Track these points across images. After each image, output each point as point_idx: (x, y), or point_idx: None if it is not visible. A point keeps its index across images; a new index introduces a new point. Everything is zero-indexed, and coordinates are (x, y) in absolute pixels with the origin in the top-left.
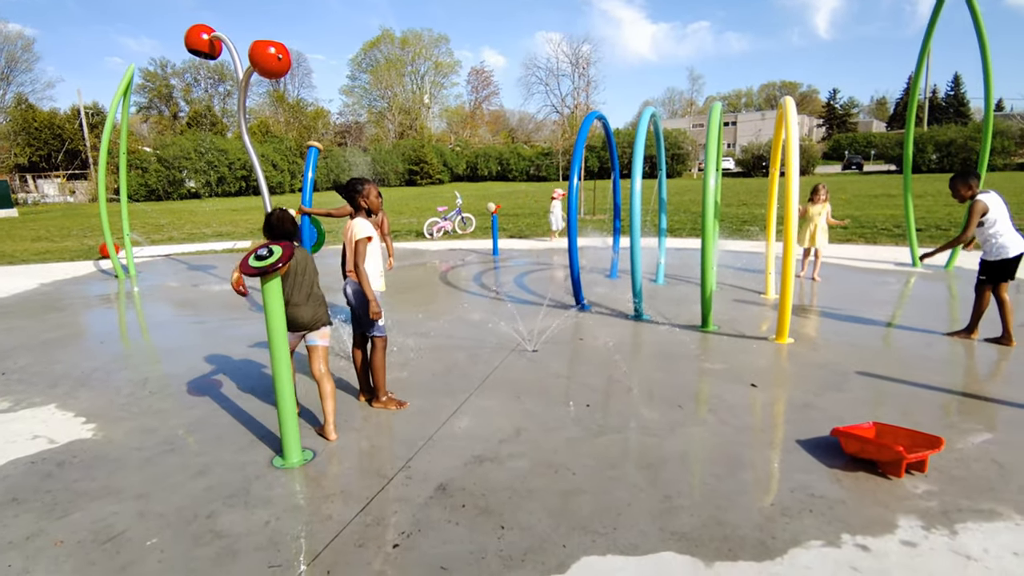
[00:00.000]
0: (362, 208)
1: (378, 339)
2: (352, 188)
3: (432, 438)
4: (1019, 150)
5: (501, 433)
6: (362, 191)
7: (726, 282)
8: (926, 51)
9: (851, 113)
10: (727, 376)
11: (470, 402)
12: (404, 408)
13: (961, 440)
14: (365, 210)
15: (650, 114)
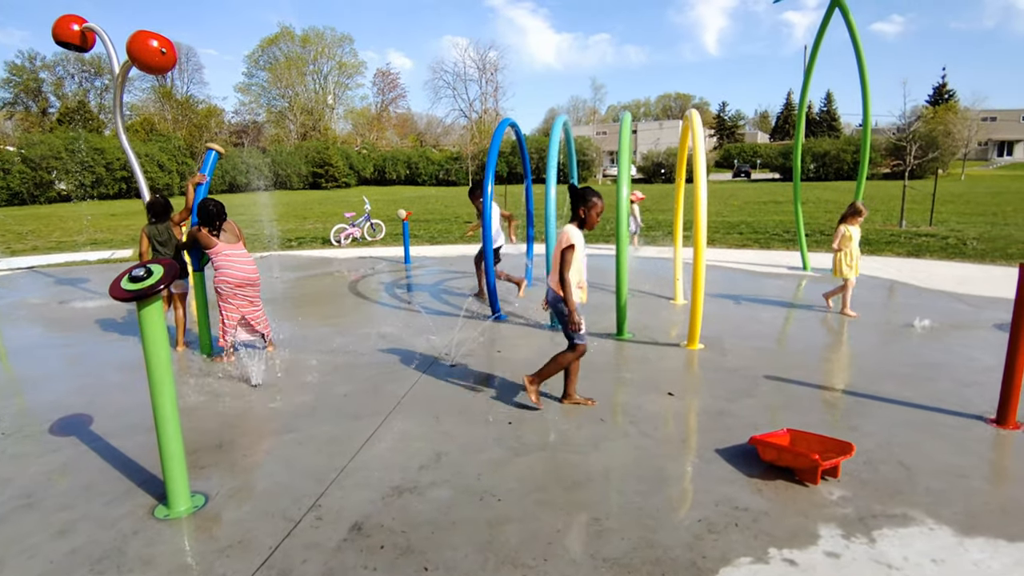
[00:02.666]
0: (579, 217)
1: (578, 346)
2: (584, 196)
3: (344, 470)
4: (885, 161)
5: (421, 458)
6: (590, 203)
7: (636, 288)
8: (811, 70)
9: (738, 125)
10: (645, 385)
11: (386, 425)
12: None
13: (867, 442)
14: (580, 220)
15: (562, 122)
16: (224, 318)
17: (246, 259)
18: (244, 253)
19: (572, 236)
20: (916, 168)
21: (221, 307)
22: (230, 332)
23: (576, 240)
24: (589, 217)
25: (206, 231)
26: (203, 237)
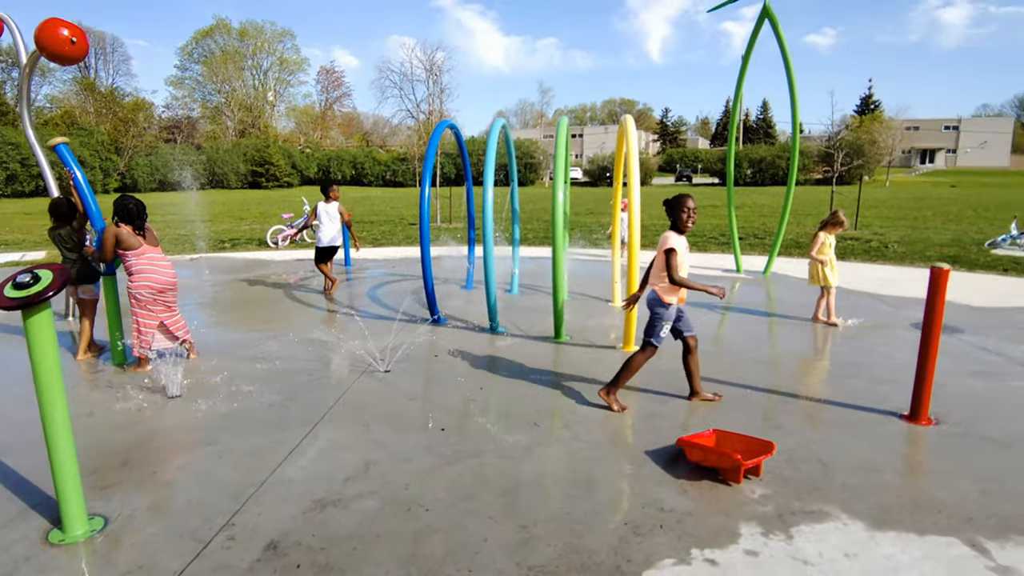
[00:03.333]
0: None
1: (650, 347)
2: (674, 203)
3: (264, 484)
4: (816, 167)
5: (347, 469)
6: (680, 206)
7: (576, 291)
8: (742, 79)
9: (680, 130)
10: (580, 389)
11: (312, 436)
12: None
13: (789, 440)
14: (676, 225)
15: (500, 125)
16: (140, 325)
17: (167, 263)
18: (164, 256)
19: (672, 240)
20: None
21: (137, 314)
22: (146, 340)
23: (677, 244)
24: (679, 220)
25: (129, 229)
26: (126, 236)
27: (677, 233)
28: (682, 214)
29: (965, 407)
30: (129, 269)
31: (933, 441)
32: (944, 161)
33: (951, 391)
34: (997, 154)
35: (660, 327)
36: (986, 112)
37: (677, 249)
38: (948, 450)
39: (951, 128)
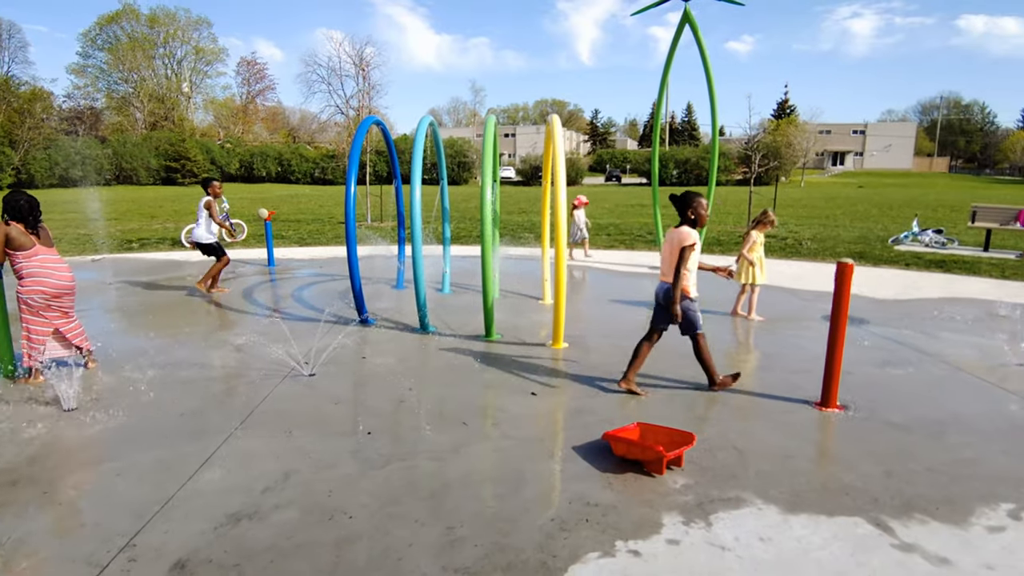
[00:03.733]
0: (688, 219)
1: (698, 335)
2: (686, 199)
3: (171, 500)
4: (737, 168)
5: (266, 480)
6: (694, 203)
7: (509, 289)
8: (664, 85)
9: (610, 132)
10: (510, 386)
11: (227, 446)
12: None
13: (709, 430)
14: (690, 220)
15: (428, 122)
16: (31, 333)
17: (63, 265)
18: (60, 258)
19: (693, 235)
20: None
21: (28, 321)
22: (38, 349)
23: (692, 239)
24: (698, 216)
25: (21, 227)
26: (16, 236)
27: (693, 230)
28: (701, 211)
29: (870, 393)
30: (19, 272)
31: (841, 427)
32: (853, 163)
33: (858, 379)
34: (901, 157)
35: (697, 317)
36: (891, 117)
37: (695, 242)
38: (855, 435)
39: (859, 132)
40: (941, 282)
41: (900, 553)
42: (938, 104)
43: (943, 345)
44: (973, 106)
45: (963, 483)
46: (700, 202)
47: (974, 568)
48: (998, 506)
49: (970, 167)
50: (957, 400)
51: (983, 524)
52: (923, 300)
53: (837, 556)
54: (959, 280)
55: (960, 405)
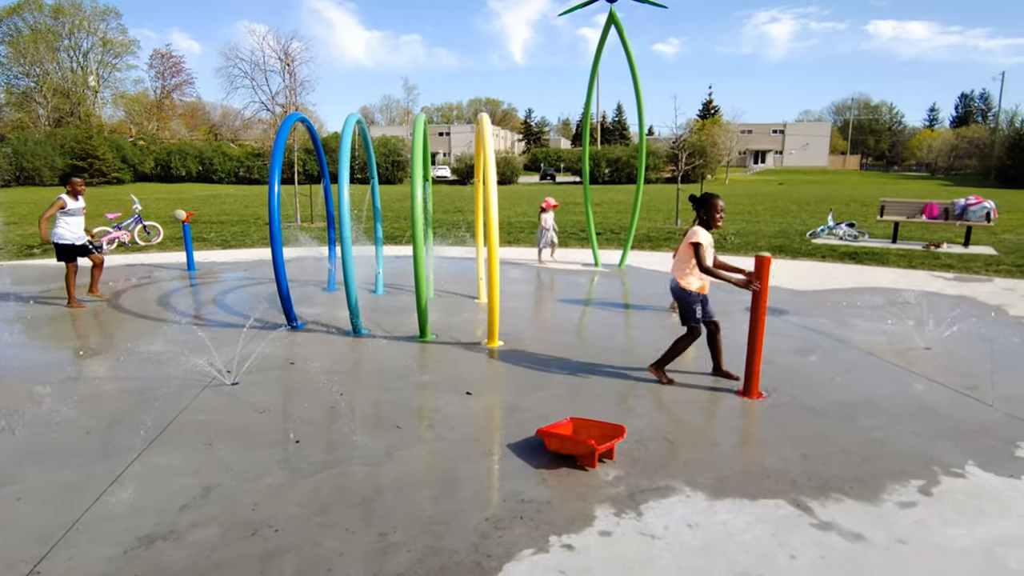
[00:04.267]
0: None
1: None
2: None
3: (77, 524)
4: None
5: (183, 496)
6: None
7: (444, 289)
8: (592, 85)
9: (544, 131)
10: (444, 387)
11: (139, 463)
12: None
13: (639, 422)
14: (704, 221)
15: (354, 120)
16: None
17: None
18: None
19: (699, 234)
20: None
21: None
22: None
23: (702, 238)
24: (711, 217)
25: None
26: None
27: (705, 228)
28: (714, 213)
29: (789, 381)
30: None
31: (763, 413)
32: (773, 161)
33: (778, 367)
34: (817, 155)
35: (693, 311)
36: (807, 117)
37: (703, 243)
38: (775, 421)
39: (778, 132)
40: (854, 273)
41: (818, 532)
42: (850, 105)
43: (855, 332)
44: (882, 107)
45: (875, 462)
46: (715, 203)
47: (887, 543)
48: (908, 483)
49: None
50: (868, 384)
51: (894, 500)
52: (837, 290)
53: (760, 537)
54: (870, 270)
55: (871, 388)
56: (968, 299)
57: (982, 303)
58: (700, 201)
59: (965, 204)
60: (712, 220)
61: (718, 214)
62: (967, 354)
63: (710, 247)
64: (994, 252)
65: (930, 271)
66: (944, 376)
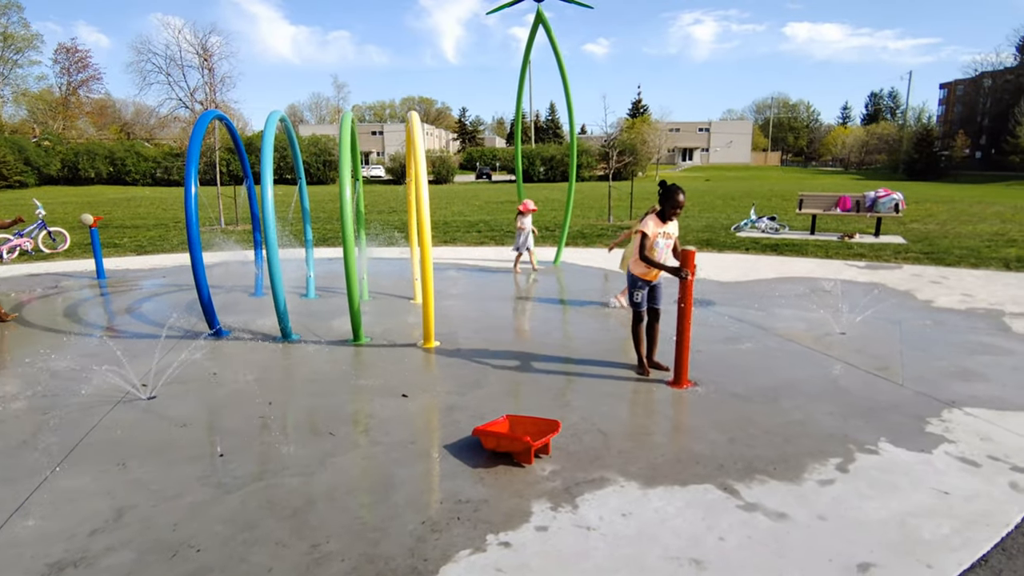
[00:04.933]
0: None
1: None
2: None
3: None
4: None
5: (94, 520)
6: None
7: (379, 290)
8: (523, 84)
9: (479, 130)
10: (379, 390)
11: (46, 487)
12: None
13: (574, 416)
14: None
15: (277, 117)
16: None
17: None
18: None
19: (646, 223)
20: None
21: None
22: None
23: (648, 227)
24: (666, 208)
25: None
26: None
27: (659, 219)
28: (670, 207)
29: (717, 369)
30: None
31: (692, 401)
32: (700, 158)
33: (707, 356)
34: (740, 152)
35: (633, 295)
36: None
37: (648, 233)
38: (703, 408)
39: (704, 130)
40: (775, 264)
41: (744, 513)
42: (770, 104)
43: (777, 320)
44: (799, 105)
45: (796, 442)
46: (674, 197)
47: (808, 520)
48: (826, 461)
49: (798, 160)
50: (789, 368)
51: (814, 479)
52: (761, 281)
53: (691, 522)
54: (790, 261)
55: (792, 373)
56: (879, 285)
57: (892, 289)
58: (664, 190)
59: (875, 196)
60: (666, 212)
61: (674, 209)
62: (878, 337)
63: (664, 237)
64: (902, 241)
65: (844, 260)
66: (858, 359)
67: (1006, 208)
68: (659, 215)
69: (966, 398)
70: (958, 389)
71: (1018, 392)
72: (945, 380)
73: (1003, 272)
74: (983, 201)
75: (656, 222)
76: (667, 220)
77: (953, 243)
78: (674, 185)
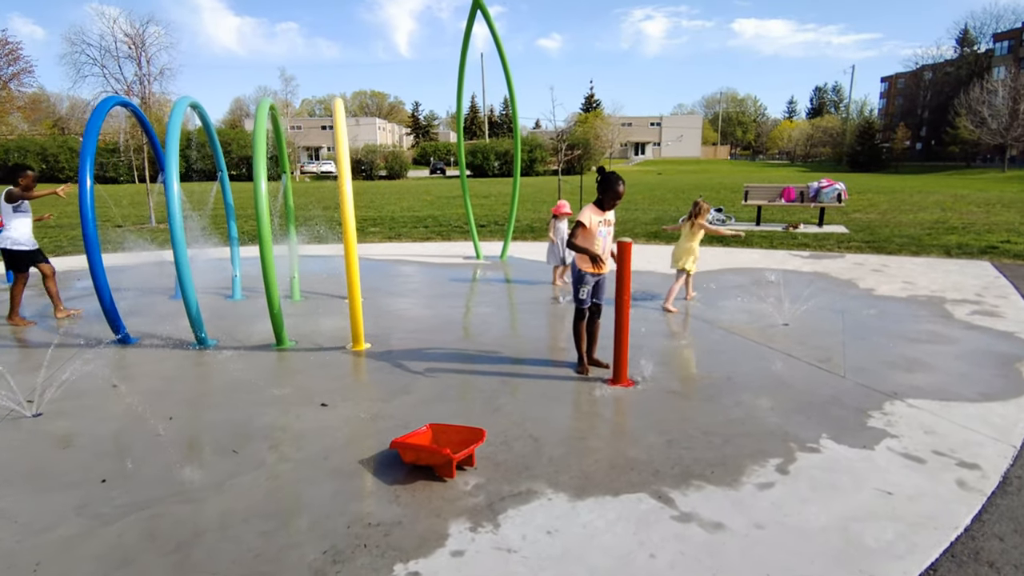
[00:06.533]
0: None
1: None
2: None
3: None
4: (553, 158)
5: None
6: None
7: (313, 290)
8: (462, 73)
9: (432, 124)
10: (297, 400)
11: None
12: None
13: (505, 421)
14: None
15: (186, 104)
16: None
17: None
18: None
19: (583, 213)
20: (575, 165)
21: None
22: None
23: (585, 217)
24: (606, 198)
25: None
26: None
27: (598, 208)
28: (609, 197)
29: (658, 365)
30: None
31: (631, 401)
32: (652, 152)
33: (648, 351)
34: (691, 146)
35: (578, 290)
36: (681, 111)
37: (585, 223)
38: (642, 408)
39: (656, 124)
40: (721, 255)
41: (679, 525)
42: (719, 98)
43: (721, 313)
44: (747, 100)
45: (735, 442)
46: (614, 188)
47: (746, 529)
48: (766, 462)
49: (747, 154)
50: (731, 363)
51: (754, 482)
52: (706, 272)
53: (620, 537)
54: (736, 252)
55: (733, 367)
56: (822, 275)
57: (835, 278)
58: (603, 179)
59: (818, 187)
60: (605, 201)
61: (614, 199)
62: (821, 328)
63: (605, 225)
64: (845, 230)
65: (789, 250)
66: (800, 350)
67: (945, 197)
68: (597, 204)
69: (908, 389)
70: (900, 380)
71: (960, 382)
72: (887, 370)
73: (944, 259)
74: (923, 191)
75: (595, 211)
76: (606, 209)
77: (894, 232)
78: (613, 173)
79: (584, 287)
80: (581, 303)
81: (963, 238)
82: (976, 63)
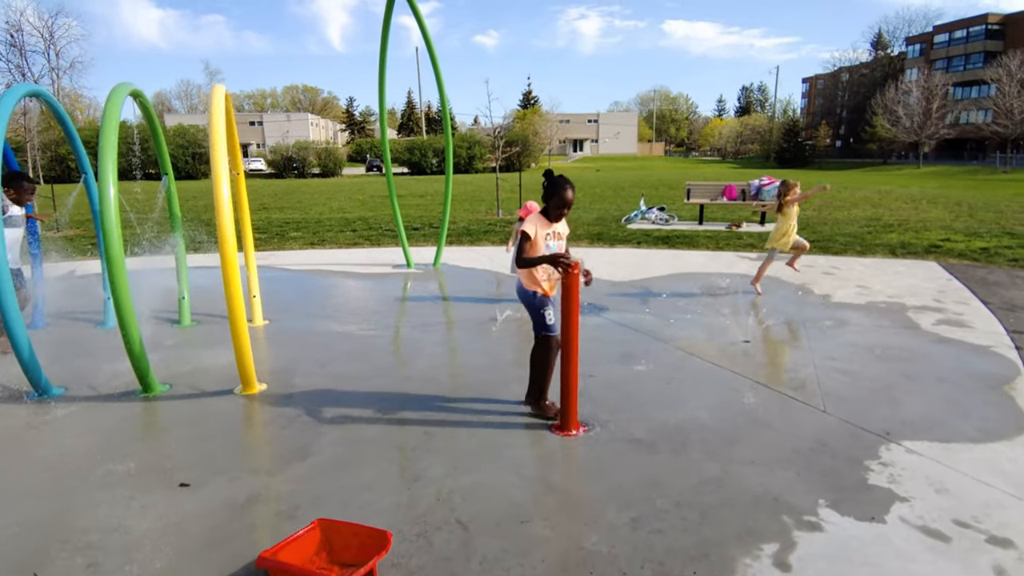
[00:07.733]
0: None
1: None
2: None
3: None
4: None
5: None
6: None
7: (208, 312)
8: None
9: (368, 120)
10: (148, 477)
11: None
12: None
13: (427, 497)
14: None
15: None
16: None
17: None
18: None
19: (526, 224)
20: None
21: None
22: None
23: (529, 226)
24: (551, 207)
25: None
26: None
27: (544, 218)
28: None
29: (612, 399)
30: None
31: (583, 456)
32: (590, 149)
33: (600, 382)
34: (627, 143)
35: (543, 317)
36: (617, 108)
37: (530, 235)
38: (598, 465)
39: (593, 121)
40: (668, 258)
41: None
42: (653, 96)
43: (676, 329)
44: (679, 98)
45: (715, 519)
46: (561, 195)
47: None
48: (760, 551)
49: (680, 150)
50: (695, 394)
51: None
52: (654, 278)
53: None
54: (682, 254)
55: (699, 400)
56: (773, 279)
57: (787, 283)
58: (549, 183)
59: (759, 185)
60: (551, 212)
61: (560, 208)
62: (785, 344)
63: (554, 238)
64: None
65: (735, 251)
66: (768, 375)
67: (872, 193)
68: (544, 214)
69: (900, 426)
70: (887, 413)
71: (953, 413)
72: (869, 400)
73: (890, 259)
74: (849, 187)
75: (542, 221)
76: (553, 220)
77: (834, 229)
78: (561, 177)
79: (547, 310)
80: (548, 329)
81: (903, 236)
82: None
